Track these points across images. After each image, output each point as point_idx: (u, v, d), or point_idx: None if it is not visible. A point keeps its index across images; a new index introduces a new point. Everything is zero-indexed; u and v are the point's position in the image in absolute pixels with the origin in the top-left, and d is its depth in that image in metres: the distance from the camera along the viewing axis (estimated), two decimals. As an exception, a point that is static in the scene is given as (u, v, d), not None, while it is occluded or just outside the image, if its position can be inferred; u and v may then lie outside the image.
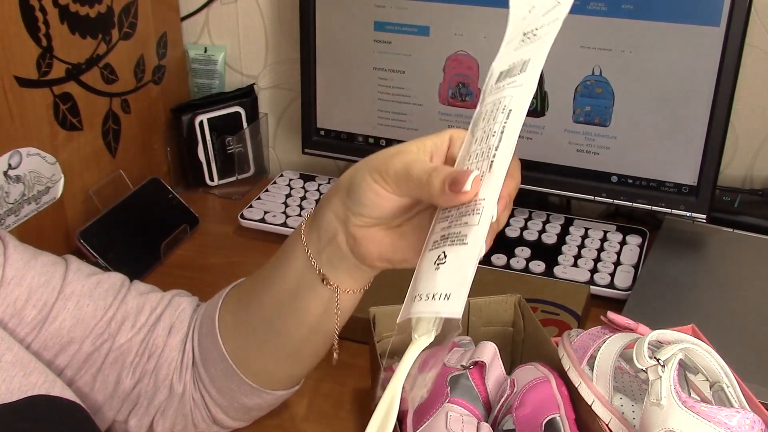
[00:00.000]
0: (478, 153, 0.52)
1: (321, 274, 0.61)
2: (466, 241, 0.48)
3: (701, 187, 0.97)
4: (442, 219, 0.52)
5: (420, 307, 0.48)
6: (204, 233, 1.12)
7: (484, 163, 0.51)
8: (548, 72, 1.00)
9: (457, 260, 0.48)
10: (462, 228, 0.49)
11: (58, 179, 0.98)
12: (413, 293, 0.50)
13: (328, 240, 0.60)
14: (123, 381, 0.68)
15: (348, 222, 0.58)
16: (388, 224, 0.57)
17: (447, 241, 0.50)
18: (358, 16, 1.07)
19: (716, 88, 0.93)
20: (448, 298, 0.47)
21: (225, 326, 0.68)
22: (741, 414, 0.55)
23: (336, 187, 0.59)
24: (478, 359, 0.68)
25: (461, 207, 0.51)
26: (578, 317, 0.87)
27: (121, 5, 1.06)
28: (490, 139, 0.51)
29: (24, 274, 0.64)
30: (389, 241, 0.57)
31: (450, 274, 0.48)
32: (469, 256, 0.48)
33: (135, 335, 0.68)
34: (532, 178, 1.04)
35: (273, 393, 0.70)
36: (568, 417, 0.63)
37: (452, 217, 0.51)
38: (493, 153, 0.50)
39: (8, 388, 0.56)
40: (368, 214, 0.56)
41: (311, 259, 0.61)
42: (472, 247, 0.48)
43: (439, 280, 0.48)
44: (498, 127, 0.51)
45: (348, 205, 0.57)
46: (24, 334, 0.64)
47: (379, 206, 0.55)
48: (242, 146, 1.21)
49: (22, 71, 0.90)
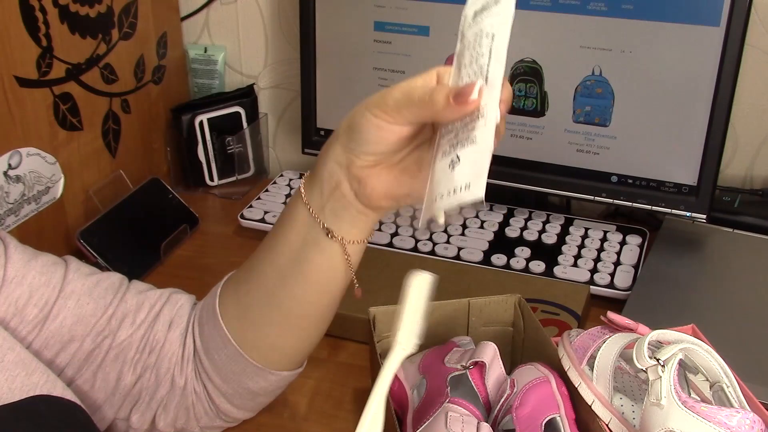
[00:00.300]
0: (471, 74, 0.54)
1: (325, 229, 0.63)
2: (476, 141, 0.52)
3: (701, 187, 0.97)
4: (446, 133, 0.55)
5: (444, 203, 0.52)
6: (204, 233, 1.12)
7: (479, 80, 0.53)
8: (548, 72, 1.00)
9: (470, 156, 0.52)
10: (470, 133, 0.53)
11: (58, 179, 0.98)
12: (432, 196, 0.53)
13: (330, 191, 0.62)
14: (124, 377, 0.68)
15: (351, 166, 0.60)
16: (390, 161, 0.60)
17: (457, 147, 0.53)
18: (358, 16, 1.07)
19: (716, 88, 0.93)
20: (469, 187, 0.51)
21: (226, 310, 0.69)
22: (741, 414, 0.55)
23: (335, 136, 0.61)
24: (478, 359, 0.68)
25: (465, 118, 0.53)
26: (578, 317, 0.87)
27: (121, 5, 1.06)
28: (479, 59, 0.54)
29: (25, 274, 0.65)
30: (393, 177, 0.60)
31: (467, 169, 0.52)
32: (481, 149, 0.51)
33: (135, 331, 0.69)
34: (532, 178, 1.04)
35: (278, 374, 0.70)
36: (568, 417, 0.63)
37: (457, 128, 0.54)
38: (486, 69, 0.53)
39: (10, 387, 0.56)
40: (371, 150, 0.58)
41: (314, 215, 0.63)
42: (482, 142, 0.51)
43: (457, 177, 0.52)
44: (485, 49, 0.53)
45: (350, 147, 0.59)
46: (25, 332, 0.65)
47: (382, 140, 0.57)
48: (242, 146, 1.21)
49: (22, 71, 0.90)
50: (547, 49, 0.99)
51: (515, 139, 1.04)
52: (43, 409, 0.57)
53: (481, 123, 0.52)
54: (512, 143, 1.04)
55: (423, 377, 0.70)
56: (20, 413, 0.55)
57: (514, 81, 1.02)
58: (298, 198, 0.64)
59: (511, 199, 1.09)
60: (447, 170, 0.53)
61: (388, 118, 0.56)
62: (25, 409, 0.56)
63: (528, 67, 1.01)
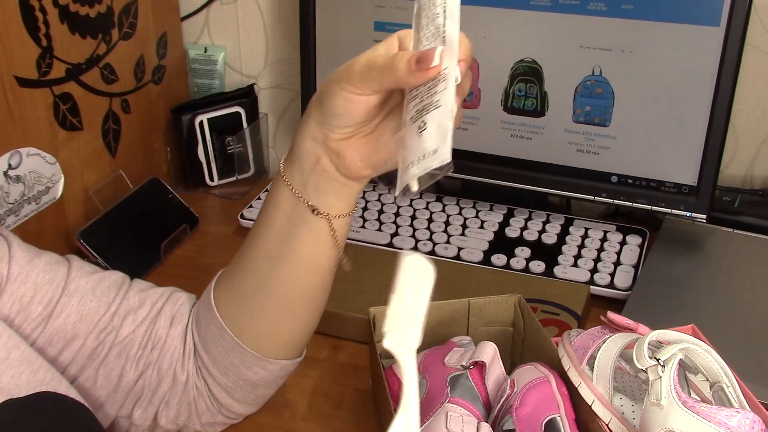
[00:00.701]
0: (428, 36, 0.55)
1: (310, 206, 0.63)
2: (440, 104, 0.52)
3: (701, 187, 0.97)
4: (412, 98, 0.55)
5: (415, 170, 0.52)
6: (204, 233, 1.12)
7: (437, 41, 0.54)
8: (548, 72, 1.00)
9: (436, 120, 0.52)
10: (433, 97, 0.53)
11: (58, 179, 0.98)
12: (405, 164, 0.54)
13: (311, 167, 0.62)
14: (126, 374, 0.69)
15: (327, 140, 0.61)
16: (365, 130, 0.61)
17: (423, 112, 0.54)
18: (358, 16, 1.07)
19: (716, 88, 0.93)
20: (436, 151, 0.51)
21: (221, 302, 0.69)
22: (741, 414, 0.55)
23: (307, 113, 0.62)
24: (478, 359, 0.68)
25: (428, 83, 0.54)
26: (578, 317, 0.87)
27: (121, 5, 1.06)
28: (435, 20, 0.55)
29: (29, 272, 0.66)
30: (370, 145, 0.61)
31: (433, 133, 0.52)
32: (444, 113, 0.52)
33: (138, 327, 0.69)
34: (532, 178, 1.04)
35: (277, 362, 0.70)
36: (568, 417, 0.63)
37: (421, 93, 0.55)
38: (443, 30, 0.54)
39: (17, 383, 0.57)
40: (344, 123, 0.59)
41: (297, 195, 0.63)
42: (445, 104, 0.52)
43: (425, 143, 0.52)
44: (439, 8, 0.55)
45: (323, 122, 0.60)
46: (30, 330, 0.65)
47: (352, 111, 0.58)
48: (242, 146, 1.21)
49: (22, 71, 0.90)
50: (547, 49, 0.99)
51: (515, 139, 1.04)
52: (50, 405, 0.58)
53: (442, 86, 0.53)
54: (512, 143, 1.04)
55: (423, 377, 0.70)
56: (28, 408, 0.56)
57: (515, 81, 1.02)
58: (279, 180, 0.65)
59: (511, 199, 1.09)
60: (416, 136, 0.53)
61: (355, 90, 0.57)
62: (33, 404, 0.57)
63: (528, 67, 1.01)
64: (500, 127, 1.05)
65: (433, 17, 0.55)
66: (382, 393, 0.71)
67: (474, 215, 1.08)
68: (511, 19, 0.99)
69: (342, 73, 0.58)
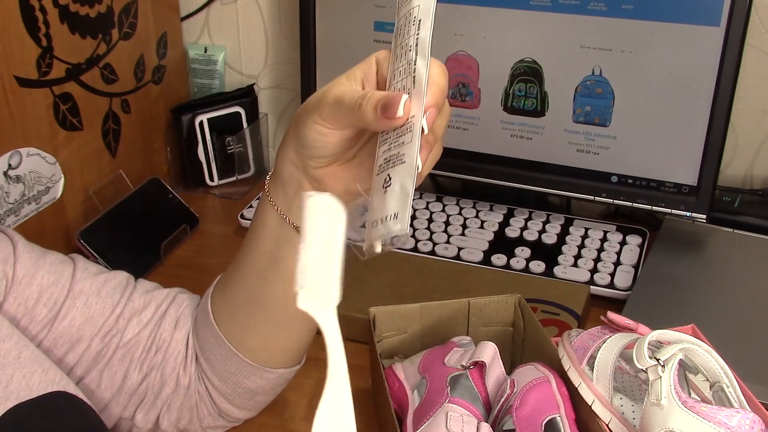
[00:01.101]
0: (401, 70, 0.53)
1: (296, 227, 0.62)
2: (404, 159, 0.50)
3: (701, 187, 0.97)
4: (382, 142, 0.54)
5: (377, 232, 0.51)
6: (204, 233, 1.12)
7: (408, 80, 0.52)
8: (548, 72, 1.00)
9: (399, 179, 0.50)
10: (400, 148, 0.51)
11: (58, 179, 0.98)
12: (372, 220, 0.52)
13: (294, 191, 0.61)
14: (130, 376, 0.69)
15: (306, 167, 0.59)
16: (344, 158, 0.59)
17: (389, 164, 0.52)
18: (358, 16, 1.07)
19: (716, 88, 0.93)
20: (396, 216, 0.49)
21: (218, 311, 0.69)
22: (741, 414, 0.55)
23: (286, 137, 0.61)
24: (478, 359, 0.68)
25: (397, 128, 0.52)
26: (578, 317, 0.87)
27: (121, 5, 1.06)
28: (408, 54, 0.52)
29: (34, 273, 0.65)
30: (350, 174, 0.59)
31: (396, 194, 0.50)
32: (407, 171, 0.50)
33: (142, 330, 0.69)
34: (532, 178, 1.04)
35: (274, 371, 0.70)
36: (568, 417, 0.63)
37: (390, 138, 0.53)
38: (413, 68, 0.51)
39: (28, 384, 0.57)
40: (320, 154, 0.58)
41: (282, 215, 0.63)
42: (408, 164, 0.50)
43: (388, 203, 0.50)
44: (412, 40, 0.51)
45: (300, 150, 0.59)
46: (35, 332, 0.65)
47: (327, 144, 0.57)
48: (242, 146, 1.21)
49: (22, 71, 0.90)
50: (547, 49, 0.99)
51: (515, 139, 1.04)
52: (61, 405, 0.58)
53: (408, 138, 0.51)
54: (512, 143, 1.04)
55: (423, 377, 0.70)
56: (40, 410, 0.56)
57: (515, 81, 1.02)
58: (265, 199, 0.64)
59: (511, 199, 1.09)
60: (381, 191, 0.51)
61: (327, 125, 0.56)
62: (45, 405, 0.56)
63: (528, 67, 1.01)
64: (500, 127, 1.04)
65: (406, 49, 0.52)
66: (382, 393, 0.71)
67: (474, 215, 1.08)
68: (511, 19, 0.99)
69: (314, 104, 0.56)
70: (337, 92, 0.55)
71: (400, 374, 0.73)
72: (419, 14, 0.52)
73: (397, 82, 0.53)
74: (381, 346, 0.77)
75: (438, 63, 0.53)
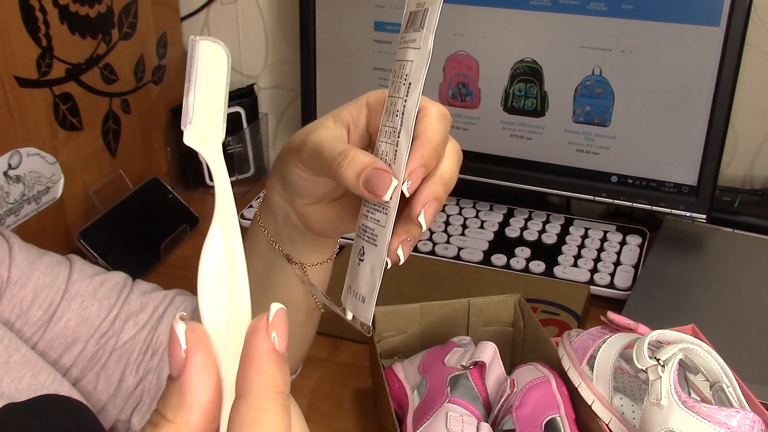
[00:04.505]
0: (389, 132, 0.49)
1: (284, 255, 0.62)
2: (376, 242, 0.48)
3: (701, 187, 0.97)
4: (363, 202, 0.51)
5: (350, 303, 0.51)
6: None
7: (391, 150, 0.48)
8: (548, 72, 1.00)
9: (370, 262, 0.49)
10: (374, 224, 0.49)
11: (58, 179, 0.98)
12: (347, 283, 0.51)
13: (282, 221, 0.60)
14: (126, 379, 0.68)
15: (292, 203, 0.58)
16: (330, 197, 0.57)
17: (365, 235, 0.50)
18: (358, 16, 1.07)
19: (716, 88, 0.93)
20: (364, 301, 0.49)
21: None
22: (741, 414, 0.55)
23: (273, 170, 0.60)
24: (478, 359, 0.68)
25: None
26: (578, 317, 0.87)
27: (121, 5, 1.06)
28: (395, 118, 0.48)
29: (29, 275, 0.65)
30: (335, 213, 0.58)
31: (366, 276, 0.49)
32: (377, 258, 0.48)
33: (139, 332, 0.69)
34: (532, 178, 1.04)
35: None
36: (568, 417, 0.63)
37: (369, 204, 0.50)
38: (396, 139, 0.48)
39: (17, 387, 0.56)
40: (303, 194, 0.57)
41: (272, 241, 0.62)
42: (379, 253, 0.48)
43: (360, 279, 0.49)
44: (400, 104, 0.48)
45: (286, 188, 0.58)
46: (30, 333, 0.65)
47: (308, 188, 0.56)
48: (242, 146, 1.21)
49: (22, 71, 0.90)
50: (547, 49, 0.99)
51: (515, 139, 1.04)
52: (51, 407, 0.57)
53: (383, 219, 0.48)
54: (512, 143, 1.04)
55: (423, 377, 0.70)
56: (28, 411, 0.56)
57: (515, 81, 1.02)
58: (256, 223, 0.63)
59: (511, 199, 1.09)
60: (357, 259, 0.49)
61: (306, 171, 0.54)
62: (34, 408, 0.56)
63: (528, 67, 1.01)
64: (500, 127, 1.05)
65: (394, 111, 0.48)
66: (382, 393, 0.71)
67: (474, 215, 1.08)
68: (511, 19, 0.99)
69: (296, 146, 0.54)
70: (317, 139, 0.52)
71: (400, 374, 0.73)
72: (411, 75, 0.47)
73: (381, 143, 0.50)
74: (381, 346, 0.77)
75: (437, 111, 0.49)
